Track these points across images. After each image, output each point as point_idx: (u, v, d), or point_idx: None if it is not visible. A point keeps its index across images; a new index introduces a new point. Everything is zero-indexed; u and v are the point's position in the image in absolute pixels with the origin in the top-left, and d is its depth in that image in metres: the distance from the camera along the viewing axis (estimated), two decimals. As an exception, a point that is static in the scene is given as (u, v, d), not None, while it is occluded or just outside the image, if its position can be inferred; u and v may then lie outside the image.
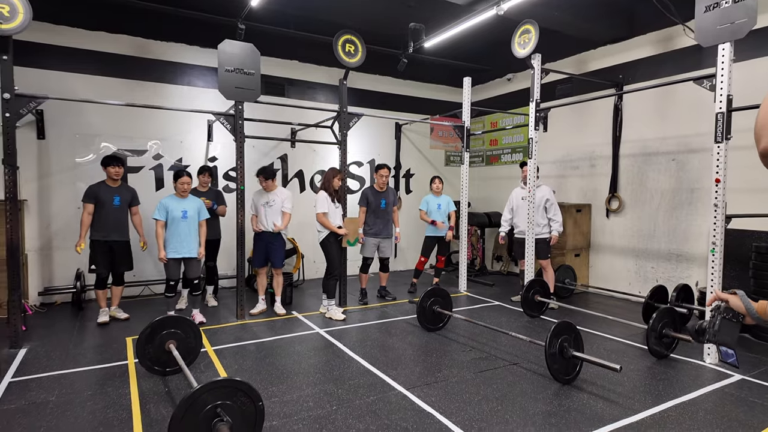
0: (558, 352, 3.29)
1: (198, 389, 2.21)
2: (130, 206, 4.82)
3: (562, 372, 3.29)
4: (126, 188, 4.83)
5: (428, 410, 2.85)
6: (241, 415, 2.28)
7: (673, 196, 5.48)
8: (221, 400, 2.24)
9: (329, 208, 5.09)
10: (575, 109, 6.61)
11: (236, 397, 2.28)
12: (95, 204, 4.57)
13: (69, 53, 5.55)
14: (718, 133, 3.62)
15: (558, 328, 3.32)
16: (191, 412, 2.17)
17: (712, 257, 3.68)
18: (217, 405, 2.23)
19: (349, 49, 5.23)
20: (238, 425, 2.24)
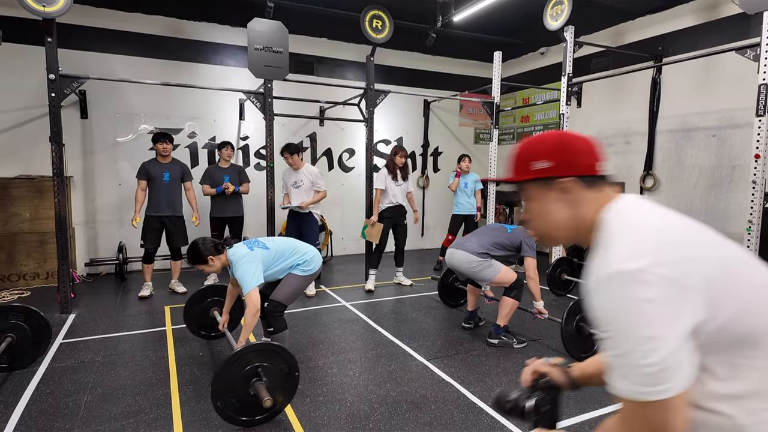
0: (575, 330, 3.29)
1: (247, 347, 2.38)
2: (183, 182, 4.98)
3: (579, 350, 3.29)
4: (176, 164, 4.95)
5: (447, 380, 2.93)
6: (278, 379, 2.41)
7: (713, 173, 5.26)
8: (264, 361, 2.38)
9: (387, 185, 5.21)
10: (611, 83, 6.37)
11: (276, 362, 2.42)
12: (147, 180, 4.78)
13: (108, 35, 5.77)
14: (760, 106, 3.45)
15: (575, 306, 3.31)
16: (236, 368, 2.33)
17: (748, 236, 3.55)
18: (259, 365, 2.37)
19: (376, 25, 5.21)
20: (274, 388, 2.37)
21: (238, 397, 2.34)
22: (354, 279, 5.75)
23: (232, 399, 2.33)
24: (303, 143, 7.02)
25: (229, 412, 2.34)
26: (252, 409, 2.36)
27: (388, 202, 5.37)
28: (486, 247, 3.50)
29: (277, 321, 2.90)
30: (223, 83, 6.18)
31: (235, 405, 2.34)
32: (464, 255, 3.49)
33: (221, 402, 2.32)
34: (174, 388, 2.78)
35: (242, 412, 2.36)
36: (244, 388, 2.34)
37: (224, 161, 5.36)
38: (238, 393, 2.34)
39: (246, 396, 2.34)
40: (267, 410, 2.37)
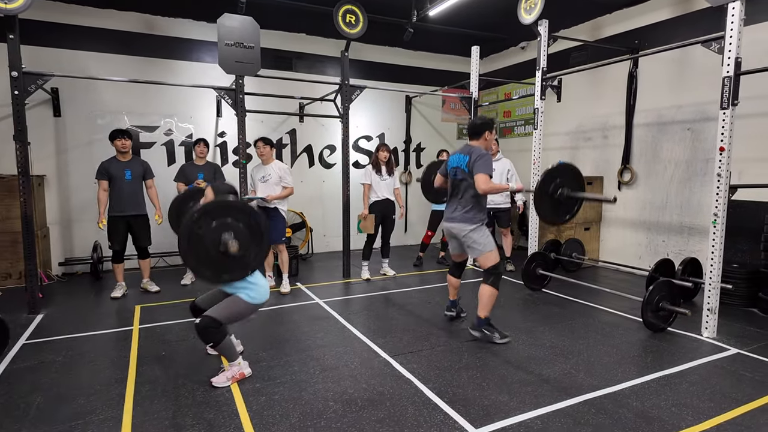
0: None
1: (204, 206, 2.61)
2: (144, 179, 4.92)
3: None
4: (137, 162, 4.89)
5: (407, 376, 2.91)
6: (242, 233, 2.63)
7: (687, 167, 5.26)
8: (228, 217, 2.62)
9: (373, 180, 5.36)
10: (589, 77, 6.36)
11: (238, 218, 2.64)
12: (108, 180, 4.72)
13: (81, 32, 5.70)
14: (724, 98, 3.44)
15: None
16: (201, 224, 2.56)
17: (714, 229, 3.55)
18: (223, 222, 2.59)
19: (350, 20, 5.17)
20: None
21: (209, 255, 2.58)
22: (333, 276, 5.73)
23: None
24: (282, 140, 6.98)
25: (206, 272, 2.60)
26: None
27: (375, 197, 5.41)
28: (467, 208, 3.52)
29: (213, 335, 2.76)
30: (200, 80, 6.13)
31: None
32: (457, 227, 3.58)
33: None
34: (130, 388, 2.76)
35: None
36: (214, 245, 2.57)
37: (199, 158, 5.31)
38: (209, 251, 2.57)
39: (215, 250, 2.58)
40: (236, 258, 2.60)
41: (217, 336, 2.78)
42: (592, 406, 2.56)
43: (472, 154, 3.45)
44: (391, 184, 5.42)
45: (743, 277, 4.41)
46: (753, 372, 3.00)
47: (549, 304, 4.51)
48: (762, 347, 3.41)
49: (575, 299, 4.66)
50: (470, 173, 3.43)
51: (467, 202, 3.53)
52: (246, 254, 2.68)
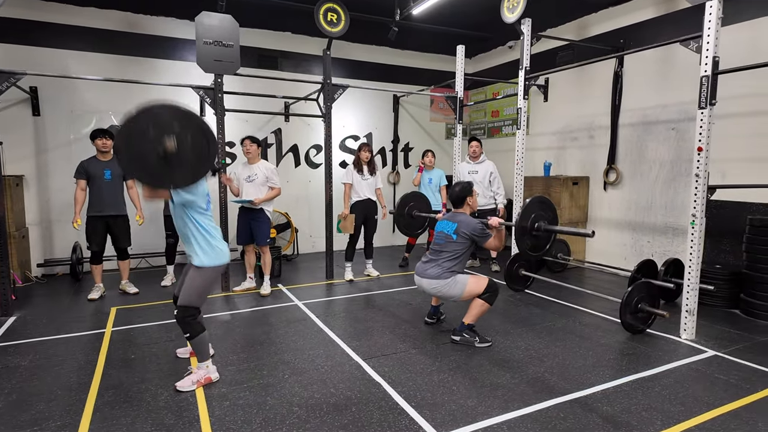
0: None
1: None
2: (125, 180, 4.85)
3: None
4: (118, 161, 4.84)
5: (377, 380, 2.87)
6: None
7: (672, 166, 5.23)
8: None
9: (354, 179, 5.33)
10: (575, 77, 6.33)
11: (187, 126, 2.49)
12: (87, 179, 4.66)
13: (61, 30, 5.63)
14: (702, 98, 3.40)
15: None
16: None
17: (692, 230, 3.51)
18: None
19: (331, 18, 5.12)
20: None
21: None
22: (316, 277, 5.68)
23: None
24: (267, 139, 6.92)
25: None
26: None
27: (357, 196, 5.37)
28: (444, 268, 3.46)
29: (192, 326, 2.74)
30: (183, 78, 6.06)
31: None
32: (428, 282, 3.50)
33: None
34: (93, 393, 2.70)
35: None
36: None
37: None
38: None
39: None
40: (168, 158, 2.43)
41: (195, 327, 2.75)
42: (561, 410, 2.52)
43: (460, 224, 3.51)
44: (373, 184, 5.38)
45: (725, 278, 4.37)
46: (728, 375, 2.96)
47: (530, 306, 4.47)
48: (740, 349, 3.38)
49: (557, 300, 4.62)
50: (458, 240, 3.47)
51: (444, 263, 3.49)
52: (189, 160, 2.51)
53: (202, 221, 2.78)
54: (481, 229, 3.47)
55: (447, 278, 3.44)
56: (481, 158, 5.94)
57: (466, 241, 3.48)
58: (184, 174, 2.55)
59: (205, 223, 2.79)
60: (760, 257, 4.07)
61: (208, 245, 2.78)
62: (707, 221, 4.86)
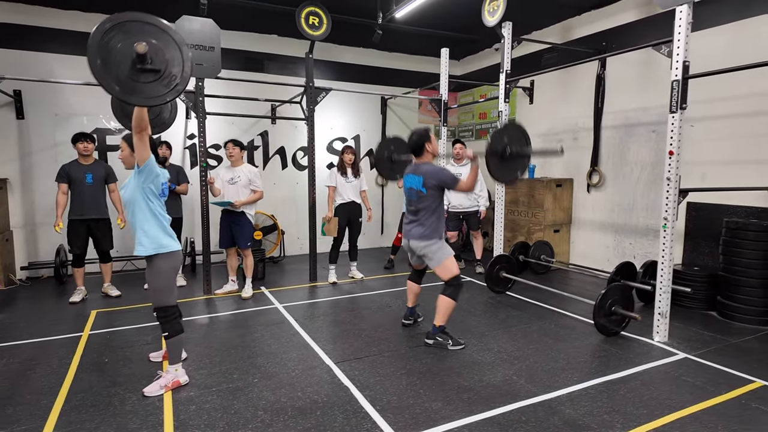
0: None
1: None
2: (107, 183, 4.87)
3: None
4: (100, 165, 4.83)
5: (346, 384, 2.88)
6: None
7: (653, 169, 5.25)
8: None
9: (338, 182, 5.34)
10: (560, 80, 6.36)
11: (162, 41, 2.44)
12: (68, 183, 4.67)
13: (44, 33, 5.64)
14: (673, 102, 3.42)
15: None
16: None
17: (664, 233, 3.54)
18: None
19: (313, 22, 5.15)
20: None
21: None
22: (300, 279, 5.69)
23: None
24: (254, 141, 6.94)
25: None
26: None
27: (340, 199, 5.39)
28: (427, 225, 3.48)
29: (172, 324, 2.78)
30: (167, 82, 6.06)
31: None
32: (415, 243, 3.55)
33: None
34: (61, 398, 2.72)
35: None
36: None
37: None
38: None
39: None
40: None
41: (175, 326, 2.79)
42: (524, 413, 2.54)
43: (425, 175, 3.47)
44: (357, 186, 5.40)
45: (702, 280, 4.40)
46: (695, 377, 2.98)
47: (509, 308, 4.49)
48: (711, 352, 3.40)
49: (537, 302, 4.64)
50: (429, 193, 3.46)
51: (425, 220, 3.51)
52: (162, 74, 2.42)
53: (154, 207, 2.78)
54: (449, 174, 3.45)
55: (433, 238, 3.48)
56: (465, 160, 5.96)
57: (437, 191, 3.48)
58: (161, 88, 2.44)
59: (157, 210, 2.79)
60: (736, 259, 4.10)
61: (156, 231, 2.76)
62: (687, 223, 4.92)
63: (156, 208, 2.80)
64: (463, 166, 5.93)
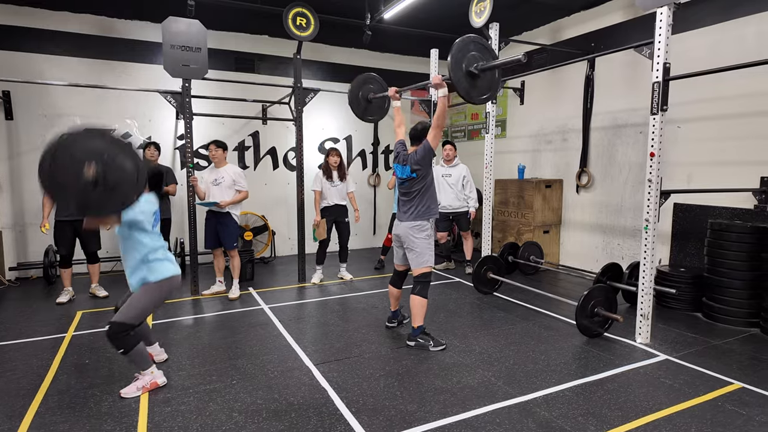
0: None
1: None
2: None
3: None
4: None
5: (323, 386, 2.89)
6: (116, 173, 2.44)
7: (640, 170, 5.25)
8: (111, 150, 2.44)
9: (323, 186, 5.33)
10: (550, 81, 6.36)
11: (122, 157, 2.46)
12: None
13: (34, 34, 5.64)
14: (654, 104, 3.42)
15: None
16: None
17: (645, 234, 3.54)
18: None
19: (300, 23, 5.14)
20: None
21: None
22: (289, 280, 5.70)
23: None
24: (245, 142, 6.94)
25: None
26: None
27: (326, 202, 5.40)
28: (418, 207, 3.51)
29: (124, 341, 2.71)
30: (159, 82, 6.06)
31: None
32: (403, 227, 3.56)
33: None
34: (37, 399, 2.72)
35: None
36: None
37: (150, 162, 5.27)
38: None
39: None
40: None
41: (127, 342, 2.73)
42: (498, 415, 2.54)
43: (410, 160, 3.51)
44: (342, 189, 5.41)
45: (688, 282, 4.40)
46: (673, 379, 2.98)
47: (494, 308, 4.50)
48: (692, 353, 3.40)
49: (523, 303, 4.64)
50: (419, 175, 3.49)
51: (418, 201, 3.54)
52: (118, 183, 2.44)
53: (147, 241, 2.80)
54: (419, 148, 3.47)
55: (425, 219, 3.50)
56: (455, 161, 5.97)
57: (424, 168, 3.49)
58: (116, 197, 2.47)
59: (149, 242, 2.81)
60: (720, 261, 4.10)
61: (152, 263, 2.80)
62: (674, 225, 4.92)
63: (148, 241, 2.81)
64: (453, 167, 5.94)
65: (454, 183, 5.89)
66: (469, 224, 6.06)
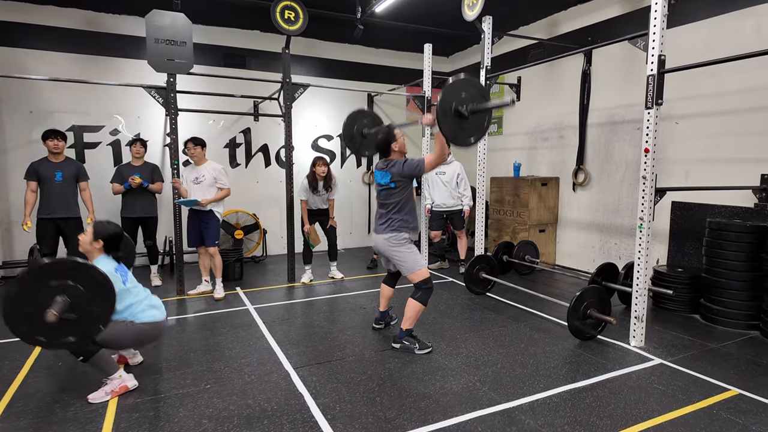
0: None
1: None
2: (78, 182, 4.77)
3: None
4: (70, 163, 4.74)
5: (301, 390, 2.77)
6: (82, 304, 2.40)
7: (638, 167, 5.11)
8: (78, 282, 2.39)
9: (308, 196, 5.22)
10: (546, 76, 6.23)
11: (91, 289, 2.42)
12: (37, 181, 4.58)
13: (19, 30, 5.54)
14: (648, 98, 3.29)
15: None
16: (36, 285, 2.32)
17: (639, 234, 3.41)
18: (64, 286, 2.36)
19: (288, 16, 5.02)
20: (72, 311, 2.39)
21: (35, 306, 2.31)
22: (278, 280, 5.59)
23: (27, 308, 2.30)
24: (236, 139, 6.83)
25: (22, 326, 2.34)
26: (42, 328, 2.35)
27: (309, 207, 5.32)
28: (394, 219, 3.37)
29: (83, 350, 2.64)
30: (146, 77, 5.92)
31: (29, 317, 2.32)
32: (380, 238, 3.44)
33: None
34: (3, 404, 2.61)
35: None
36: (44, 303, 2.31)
37: (135, 159, 5.17)
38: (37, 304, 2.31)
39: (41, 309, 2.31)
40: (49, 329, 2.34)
41: (88, 351, 2.63)
42: (480, 423, 2.42)
43: (392, 170, 3.38)
44: (325, 197, 5.31)
45: (686, 282, 4.27)
46: (667, 385, 2.86)
47: (486, 310, 4.37)
48: (687, 357, 3.27)
49: (515, 304, 4.52)
50: (398, 187, 3.36)
51: (393, 215, 3.40)
52: (86, 312, 2.44)
53: (124, 300, 2.76)
54: (412, 162, 3.31)
55: (401, 232, 3.36)
56: (449, 159, 5.84)
57: (405, 181, 3.36)
58: (90, 327, 2.49)
59: (126, 300, 2.78)
60: (718, 261, 3.97)
61: (137, 315, 2.81)
62: (672, 223, 4.78)
63: (125, 299, 2.78)
64: (447, 165, 5.81)
65: (448, 181, 5.77)
66: (464, 223, 5.93)
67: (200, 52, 6.39)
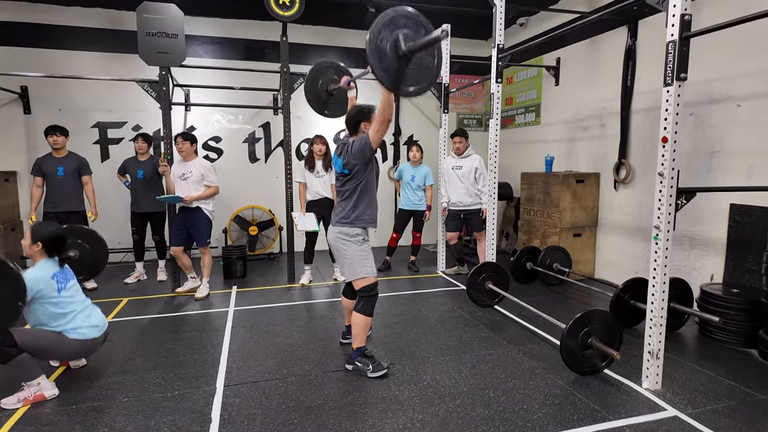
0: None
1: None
2: (81, 176, 4.88)
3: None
4: (73, 158, 4.84)
5: (212, 416, 2.45)
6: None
7: (689, 161, 4.18)
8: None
9: (307, 178, 4.95)
10: (586, 56, 5.38)
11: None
12: (42, 176, 4.73)
13: (47, 31, 5.80)
14: (668, 70, 2.54)
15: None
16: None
17: (656, 246, 2.67)
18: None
19: (283, 1, 4.72)
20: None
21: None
22: (281, 279, 5.36)
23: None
24: (255, 134, 6.72)
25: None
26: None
27: (311, 196, 4.98)
28: (347, 208, 2.94)
29: (4, 352, 2.51)
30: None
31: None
32: (330, 231, 3.03)
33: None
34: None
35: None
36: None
37: (141, 155, 5.18)
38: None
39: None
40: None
41: (6, 353, 2.50)
42: (389, 483, 1.94)
43: (343, 152, 2.93)
44: (327, 180, 4.91)
45: (741, 307, 3.37)
46: (668, 450, 2.16)
47: (483, 326, 3.78)
48: (716, 411, 2.50)
49: (521, 322, 3.87)
50: (353, 172, 2.90)
51: (346, 203, 2.98)
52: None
53: (57, 311, 2.64)
54: (360, 139, 2.83)
55: (354, 226, 2.92)
56: (466, 152, 5.24)
57: (359, 164, 2.86)
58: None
59: (57, 309, 2.65)
60: (782, 283, 3.06)
61: (68, 333, 2.68)
62: (729, 232, 3.85)
63: (58, 310, 2.65)
64: (464, 158, 5.22)
65: (465, 175, 5.17)
66: (483, 224, 5.29)
67: (219, 45, 6.36)
